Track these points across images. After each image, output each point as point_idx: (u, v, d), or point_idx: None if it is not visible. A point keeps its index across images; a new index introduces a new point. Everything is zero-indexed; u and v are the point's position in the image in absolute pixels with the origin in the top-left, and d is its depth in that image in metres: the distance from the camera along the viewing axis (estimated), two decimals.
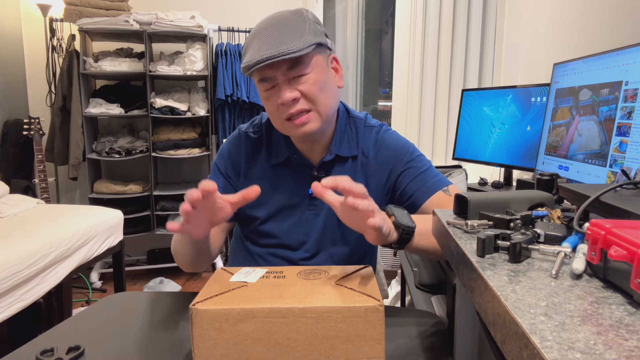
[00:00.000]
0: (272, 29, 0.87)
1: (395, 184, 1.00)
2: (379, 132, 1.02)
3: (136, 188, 2.97)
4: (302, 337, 0.56)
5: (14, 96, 3.04)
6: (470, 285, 0.46)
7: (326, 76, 0.92)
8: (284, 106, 0.88)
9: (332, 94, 0.94)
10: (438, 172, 1.00)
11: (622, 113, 1.03)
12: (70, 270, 1.87)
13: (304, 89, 0.88)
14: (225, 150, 1.04)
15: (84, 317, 0.85)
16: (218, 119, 3.00)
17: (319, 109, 0.90)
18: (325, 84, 0.91)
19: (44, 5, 2.87)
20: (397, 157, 1.00)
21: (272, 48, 0.84)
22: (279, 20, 0.88)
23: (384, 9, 3.59)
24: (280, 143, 1.00)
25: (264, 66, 0.85)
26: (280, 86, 0.88)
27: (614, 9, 1.60)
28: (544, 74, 2.15)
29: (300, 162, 0.99)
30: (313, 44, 0.87)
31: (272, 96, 0.90)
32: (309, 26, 0.88)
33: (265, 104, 0.93)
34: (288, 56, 0.83)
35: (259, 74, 0.88)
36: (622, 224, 0.40)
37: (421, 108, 2.93)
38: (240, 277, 0.65)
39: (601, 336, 0.31)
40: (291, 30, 0.86)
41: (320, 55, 0.91)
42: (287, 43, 0.84)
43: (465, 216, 0.61)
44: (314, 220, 0.99)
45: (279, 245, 1.01)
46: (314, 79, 0.88)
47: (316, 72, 0.89)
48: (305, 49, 0.85)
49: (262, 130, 1.03)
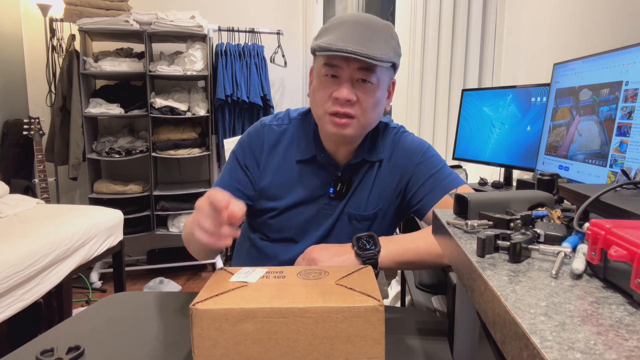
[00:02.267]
0: (363, 27, 0.87)
1: (406, 188, 1.01)
2: (395, 134, 1.04)
3: (136, 188, 2.97)
4: (302, 337, 0.56)
5: (14, 96, 3.04)
6: (470, 285, 0.46)
7: (383, 95, 0.93)
8: (337, 101, 0.88)
9: (380, 112, 0.95)
10: (450, 173, 1.00)
11: (622, 113, 1.03)
12: (70, 270, 1.86)
13: (362, 97, 0.89)
14: (246, 141, 1.04)
15: (84, 317, 0.85)
16: (218, 119, 3.00)
17: (363, 121, 0.91)
18: (379, 102, 0.92)
19: (44, 5, 2.87)
20: (408, 159, 1.00)
21: (360, 45, 0.84)
22: (370, 24, 0.88)
23: (384, 9, 3.59)
24: (309, 140, 1.01)
25: (343, 57, 0.85)
26: (343, 81, 0.88)
27: (614, 9, 1.60)
28: (544, 74, 2.15)
29: (326, 161, 1.00)
30: (392, 61, 0.88)
31: (329, 85, 0.89)
32: (394, 43, 0.90)
33: (316, 90, 0.92)
34: (370, 61, 0.84)
35: (330, 59, 0.88)
36: (622, 224, 0.40)
37: (421, 108, 2.93)
38: (240, 277, 0.65)
39: (601, 336, 0.31)
40: (380, 37, 0.87)
41: (388, 74, 0.93)
42: (372, 47, 0.84)
43: (465, 216, 0.61)
44: (325, 219, 1.01)
45: (286, 240, 1.02)
46: (374, 93, 0.90)
47: (378, 87, 0.90)
48: (386, 62, 0.86)
49: (289, 124, 1.03)
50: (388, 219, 1.03)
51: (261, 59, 3.01)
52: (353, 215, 1.00)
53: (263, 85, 2.99)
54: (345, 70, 0.87)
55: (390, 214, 1.03)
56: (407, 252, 0.87)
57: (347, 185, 0.99)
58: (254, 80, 2.96)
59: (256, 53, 2.99)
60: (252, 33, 3.06)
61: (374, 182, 1.01)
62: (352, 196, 1.00)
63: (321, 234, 1.01)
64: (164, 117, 2.88)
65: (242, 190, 1.01)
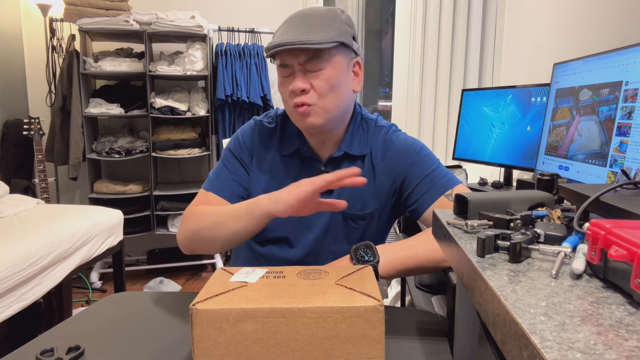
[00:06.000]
0: (300, 19, 0.90)
1: (401, 188, 1.00)
2: (387, 133, 1.03)
3: (136, 188, 2.97)
4: (302, 337, 0.56)
5: (14, 96, 3.04)
6: (470, 285, 0.46)
7: (342, 76, 0.93)
8: (293, 93, 0.91)
9: (344, 95, 0.94)
10: (446, 173, 0.99)
11: (622, 113, 1.03)
12: (70, 270, 1.86)
13: (315, 84, 0.90)
14: (240, 136, 1.06)
15: (84, 317, 0.85)
16: (218, 119, 3.00)
17: (323, 105, 0.91)
18: (338, 84, 0.92)
19: (44, 5, 2.87)
20: (402, 159, 1.00)
21: (294, 36, 0.86)
22: (309, 12, 0.91)
23: (384, 9, 3.59)
24: (292, 135, 1.02)
25: (284, 51, 0.88)
26: (295, 75, 0.90)
27: (614, 9, 1.60)
28: (544, 74, 2.15)
29: (309, 155, 1.01)
30: (335, 41, 0.88)
31: (287, 83, 0.92)
32: (337, 24, 0.90)
33: (280, 90, 0.96)
34: (305, 46, 0.85)
35: (279, 59, 0.91)
36: (622, 224, 0.40)
37: (421, 108, 2.93)
38: (240, 277, 0.65)
39: (601, 336, 0.31)
40: (318, 23, 0.89)
41: (342, 55, 0.92)
42: (310, 34, 0.87)
43: (465, 216, 0.61)
44: (317, 217, 1.00)
45: (280, 240, 1.01)
46: (327, 76, 0.90)
47: (332, 70, 0.90)
48: (324, 44, 0.87)
49: (278, 121, 1.05)
50: (384, 219, 1.03)
51: (261, 59, 3.01)
52: (348, 214, 0.99)
53: (263, 85, 2.99)
54: (293, 62, 0.90)
55: (386, 214, 1.03)
56: (407, 260, 0.86)
57: None
58: (254, 80, 2.96)
59: (256, 53, 2.99)
60: (252, 33, 3.06)
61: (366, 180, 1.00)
62: (342, 192, 0.99)
63: (317, 234, 1.00)
64: (164, 117, 2.88)
65: (239, 183, 1.02)
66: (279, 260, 1.01)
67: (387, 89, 3.59)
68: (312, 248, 1.00)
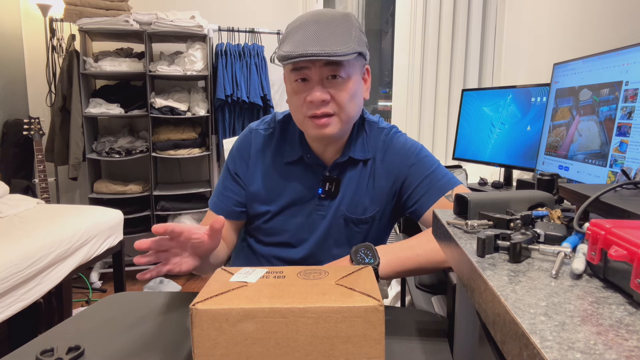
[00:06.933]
0: (319, 26, 0.86)
1: (401, 189, 1.00)
2: (387, 135, 1.02)
3: (136, 188, 2.97)
4: (302, 337, 0.56)
5: (14, 96, 3.04)
6: (470, 285, 0.46)
7: (358, 86, 0.92)
8: (311, 104, 0.88)
9: (359, 103, 0.94)
10: (445, 173, 0.99)
11: (622, 113, 1.03)
12: (70, 270, 1.86)
13: (336, 94, 0.88)
14: (235, 148, 1.05)
15: (84, 317, 0.85)
16: (218, 119, 3.00)
17: (343, 116, 0.90)
18: (356, 93, 0.91)
19: (44, 5, 2.87)
20: (402, 161, 0.99)
21: (318, 46, 0.83)
22: (327, 19, 0.87)
23: (384, 9, 3.59)
24: (294, 141, 1.00)
25: (305, 61, 0.84)
26: (312, 84, 0.87)
27: (614, 9, 1.60)
28: (544, 74, 2.15)
29: (313, 162, 0.99)
30: (356, 52, 0.86)
31: (301, 90, 0.89)
32: (355, 32, 0.88)
33: (290, 96, 0.92)
34: (332, 58, 0.83)
35: (295, 65, 0.87)
36: (622, 224, 0.40)
37: (421, 108, 2.93)
38: (240, 277, 0.65)
39: (601, 336, 0.31)
40: (338, 33, 0.86)
41: (358, 64, 0.91)
42: (333, 45, 0.83)
43: (465, 216, 0.61)
44: (320, 220, 1.00)
45: (282, 244, 1.01)
46: (347, 86, 0.88)
47: (351, 80, 0.89)
48: (348, 55, 0.84)
49: (275, 127, 1.03)
50: (385, 221, 1.03)
51: (261, 59, 3.01)
52: (350, 218, 0.99)
53: (263, 85, 2.99)
54: (312, 72, 0.86)
55: (386, 216, 1.02)
56: (407, 261, 0.86)
57: (335, 184, 0.98)
58: (254, 80, 2.96)
59: (256, 53, 2.99)
60: (252, 33, 3.06)
61: (367, 183, 1.00)
62: (345, 196, 0.99)
63: (318, 237, 1.00)
64: (164, 117, 2.88)
65: (236, 199, 1.02)
66: (279, 262, 1.01)
67: (387, 89, 3.59)
68: (313, 251, 1.00)
